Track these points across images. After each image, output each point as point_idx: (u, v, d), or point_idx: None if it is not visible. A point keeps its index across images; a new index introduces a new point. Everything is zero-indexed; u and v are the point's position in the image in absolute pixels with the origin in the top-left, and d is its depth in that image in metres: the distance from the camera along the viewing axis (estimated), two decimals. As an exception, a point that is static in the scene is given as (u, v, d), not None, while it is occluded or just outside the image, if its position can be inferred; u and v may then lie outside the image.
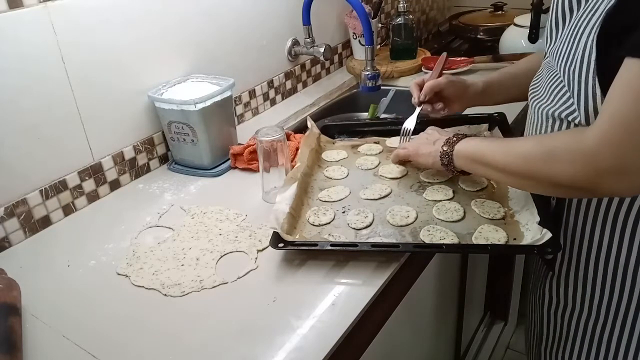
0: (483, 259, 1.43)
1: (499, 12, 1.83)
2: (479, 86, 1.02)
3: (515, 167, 0.74)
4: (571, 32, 0.71)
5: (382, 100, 1.42)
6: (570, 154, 0.65)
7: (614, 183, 0.62)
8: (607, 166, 0.61)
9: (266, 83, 1.41)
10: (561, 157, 0.66)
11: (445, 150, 0.86)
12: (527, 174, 0.72)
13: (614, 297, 0.79)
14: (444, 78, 1.01)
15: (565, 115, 0.72)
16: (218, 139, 1.11)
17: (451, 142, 0.86)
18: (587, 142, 0.63)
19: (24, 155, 0.91)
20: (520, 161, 0.73)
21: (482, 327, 1.59)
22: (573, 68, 0.69)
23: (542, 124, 0.79)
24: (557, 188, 0.70)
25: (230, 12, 1.26)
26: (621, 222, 0.74)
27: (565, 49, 0.71)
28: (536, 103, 0.81)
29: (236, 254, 0.84)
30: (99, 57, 0.99)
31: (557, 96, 0.75)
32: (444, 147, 0.86)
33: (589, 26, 0.66)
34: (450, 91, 1.01)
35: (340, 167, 1.04)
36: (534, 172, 0.70)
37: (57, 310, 0.76)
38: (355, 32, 1.60)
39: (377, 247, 0.79)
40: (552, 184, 0.69)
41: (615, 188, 0.64)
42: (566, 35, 0.72)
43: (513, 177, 0.76)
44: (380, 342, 0.83)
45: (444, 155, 0.86)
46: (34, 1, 0.87)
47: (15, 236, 0.92)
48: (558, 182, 0.68)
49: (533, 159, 0.70)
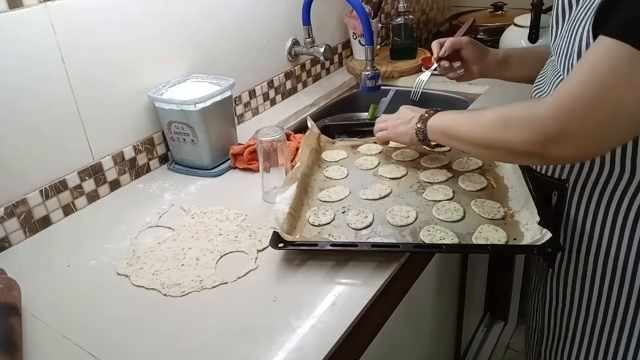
0: (483, 259, 1.43)
1: (499, 12, 1.83)
2: (499, 54, 1.04)
3: (479, 138, 0.77)
4: (570, 27, 0.71)
5: (382, 100, 1.42)
6: (522, 120, 0.69)
7: (559, 148, 0.65)
8: (552, 131, 0.65)
9: (266, 83, 1.41)
10: (516, 124, 0.69)
11: (419, 127, 0.91)
12: (489, 144, 0.75)
13: (613, 295, 0.79)
14: (466, 38, 1.04)
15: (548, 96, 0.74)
16: (218, 139, 1.11)
17: (424, 119, 0.90)
18: (539, 109, 0.66)
19: (24, 155, 0.91)
20: (483, 132, 0.76)
21: (482, 327, 1.59)
22: (571, 61, 0.70)
23: None
24: (514, 155, 0.74)
25: (230, 12, 1.26)
26: (621, 219, 0.74)
27: (564, 44, 0.72)
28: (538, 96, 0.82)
29: (236, 254, 0.84)
30: (99, 57, 0.99)
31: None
32: (418, 124, 0.91)
33: (585, 18, 0.67)
34: (470, 52, 1.03)
35: (340, 167, 1.04)
36: (495, 141, 0.74)
37: (57, 310, 0.76)
38: (355, 32, 1.60)
39: (377, 247, 0.79)
40: (509, 151, 0.72)
41: (561, 153, 0.67)
42: (565, 31, 0.73)
43: (479, 148, 0.80)
44: (380, 342, 0.83)
45: (419, 131, 0.91)
46: (34, 1, 0.87)
47: (15, 236, 0.92)
48: (514, 149, 0.71)
49: (493, 129, 0.74)
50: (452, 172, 0.98)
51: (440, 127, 0.88)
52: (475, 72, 1.06)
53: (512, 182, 0.92)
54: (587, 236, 0.79)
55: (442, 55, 1.05)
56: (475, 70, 1.05)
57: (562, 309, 0.87)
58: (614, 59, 0.59)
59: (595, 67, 0.61)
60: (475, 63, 1.04)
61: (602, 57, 0.60)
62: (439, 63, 1.06)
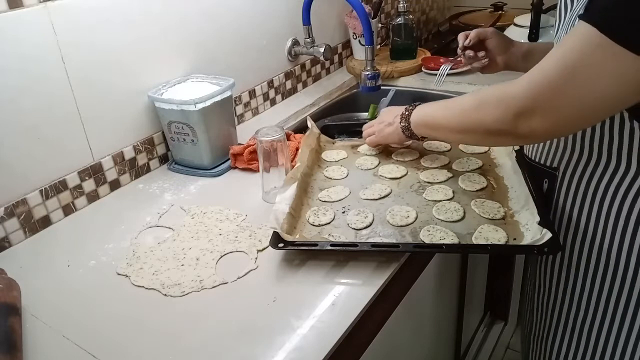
0: (483, 259, 1.43)
1: (499, 12, 1.83)
2: (523, 46, 1.05)
3: (456, 123, 0.80)
4: (570, 20, 0.73)
5: (382, 100, 1.42)
6: (494, 98, 0.71)
7: (528, 122, 0.67)
8: (521, 105, 0.67)
9: (266, 83, 1.41)
10: (489, 103, 0.72)
11: (403, 125, 0.94)
12: (466, 127, 0.78)
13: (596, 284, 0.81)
14: (491, 29, 1.06)
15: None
16: (218, 139, 1.11)
17: (405, 116, 0.93)
18: (510, 87, 0.69)
19: (24, 155, 0.91)
20: (459, 116, 0.79)
21: (482, 327, 1.59)
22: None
23: None
24: (488, 135, 0.75)
25: (230, 12, 1.26)
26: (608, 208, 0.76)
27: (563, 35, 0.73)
28: None
29: (236, 254, 0.84)
30: (99, 57, 0.99)
31: None
32: (402, 122, 0.94)
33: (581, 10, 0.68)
34: (495, 42, 1.06)
35: (340, 167, 1.04)
36: (470, 123, 0.76)
37: (57, 310, 0.76)
38: (355, 32, 1.60)
39: (377, 247, 0.79)
40: (485, 132, 0.74)
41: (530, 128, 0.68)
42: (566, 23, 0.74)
43: (458, 134, 0.82)
44: (380, 342, 0.83)
45: (405, 129, 0.94)
46: (34, 1, 0.87)
47: (15, 236, 0.92)
48: (487, 128, 0.73)
49: (468, 112, 0.76)
50: (452, 172, 0.98)
51: (421, 121, 0.91)
52: (500, 64, 1.07)
53: (512, 182, 0.92)
54: (574, 224, 0.81)
55: (467, 45, 1.07)
56: (499, 61, 1.07)
57: (549, 297, 0.89)
58: (585, 42, 0.61)
59: (568, 48, 0.63)
60: (499, 54, 1.06)
61: (575, 40, 0.62)
62: (464, 52, 1.09)
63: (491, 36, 1.06)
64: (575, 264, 0.82)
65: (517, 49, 1.05)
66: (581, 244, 0.81)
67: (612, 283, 0.79)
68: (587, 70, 0.61)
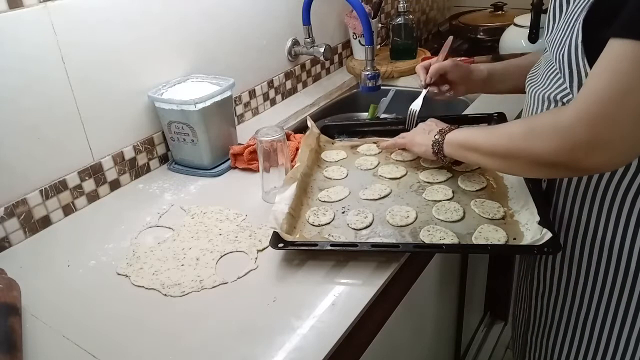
0: (483, 259, 1.44)
1: (499, 12, 1.83)
2: (483, 72, 1.05)
3: (499, 148, 0.76)
4: (566, 21, 0.72)
5: (382, 100, 1.42)
6: (548, 129, 0.66)
7: (590, 158, 0.63)
8: (582, 140, 0.62)
9: (266, 83, 1.41)
10: (540, 134, 0.67)
11: (437, 138, 0.90)
12: (510, 154, 0.74)
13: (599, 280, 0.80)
14: (450, 61, 1.05)
15: (560, 97, 0.74)
16: (218, 139, 1.11)
17: (443, 132, 0.90)
18: (563, 118, 0.64)
19: (24, 155, 0.91)
20: (504, 141, 0.75)
21: (482, 327, 1.59)
22: (563, 52, 0.71)
23: (536, 106, 0.81)
24: (539, 166, 0.71)
25: (230, 12, 1.26)
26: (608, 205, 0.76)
27: (559, 37, 0.73)
28: (532, 88, 0.83)
29: (236, 254, 0.84)
30: (99, 57, 0.99)
31: (552, 81, 0.77)
32: (436, 135, 0.90)
33: (582, 13, 0.68)
34: (455, 74, 1.05)
35: (339, 167, 1.04)
36: (517, 151, 0.72)
37: (57, 310, 0.76)
38: (355, 32, 1.60)
39: (377, 247, 0.79)
40: (533, 162, 0.70)
41: (592, 163, 0.64)
42: (562, 24, 0.74)
43: (498, 159, 0.78)
44: (380, 342, 0.83)
45: (435, 143, 0.90)
46: (34, 1, 0.87)
47: (15, 236, 0.92)
48: (538, 160, 0.69)
49: (515, 138, 0.72)
50: (451, 172, 0.98)
51: (457, 140, 0.87)
52: (462, 91, 1.08)
53: (511, 181, 0.92)
54: (575, 224, 0.80)
55: (429, 83, 1.06)
56: (461, 90, 1.08)
57: (549, 294, 0.89)
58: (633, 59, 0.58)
59: (616, 69, 0.59)
60: (461, 84, 1.06)
61: (620, 59, 0.59)
62: (427, 89, 1.07)
63: (451, 69, 1.05)
64: (577, 262, 0.82)
65: (476, 75, 1.05)
66: (582, 243, 0.81)
67: (613, 282, 0.79)
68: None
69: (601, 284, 0.80)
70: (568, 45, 0.70)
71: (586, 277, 0.82)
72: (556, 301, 0.88)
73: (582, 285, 0.83)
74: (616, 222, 0.75)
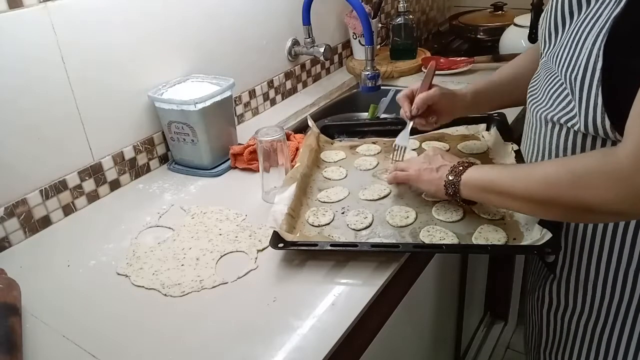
0: (483, 259, 1.44)
1: (499, 12, 1.83)
2: (467, 98, 0.99)
3: (538, 193, 0.69)
4: (572, 36, 0.70)
5: (382, 100, 1.42)
6: (604, 177, 0.61)
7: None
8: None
9: (266, 83, 1.41)
10: (593, 182, 0.62)
11: (451, 179, 0.80)
12: (553, 201, 0.68)
13: (615, 299, 0.79)
14: (437, 90, 0.96)
15: (564, 120, 0.72)
16: (218, 139, 1.11)
17: (457, 172, 0.80)
18: (622, 164, 0.59)
19: (24, 155, 0.91)
20: (543, 187, 0.68)
21: (482, 327, 1.59)
22: (575, 75, 0.68)
23: (540, 127, 0.79)
24: (588, 213, 0.66)
25: (230, 12, 1.26)
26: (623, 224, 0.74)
27: (567, 54, 0.70)
28: (535, 107, 0.80)
29: (236, 254, 0.84)
30: (99, 57, 0.99)
31: (556, 100, 0.74)
32: (450, 176, 0.81)
33: (592, 31, 0.66)
34: (441, 104, 0.97)
35: (338, 167, 1.04)
36: (561, 198, 0.66)
37: (57, 310, 0.76)
38: (355, 32, 1.60)
39: (377, 247, 0.79)
40: (582, 209, 0.65)
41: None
42: (567, 39, 0.71)
43: (536, 205, 0.71)
44: (380, 342, 0.83)
45: (450, 184, 0.81)
46: (34, 1, 0.87)
47: (15, 236, 0.92)
48: (589, 208, 0.64)
49: (558, 184, 0.66)
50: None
51: (479, 182, 0.78)
52: (447, 119, 1.02)
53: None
54: (589, 240, 0.78)
55: (416, 115, 0.96)
56: (446, 117, 1.01)
57: (564, 311, 0.87)
58: None
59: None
60: (447, 112, 0.99)
61: None
62: (414, 120, 0.98)
63: (437, 99, 0.96)
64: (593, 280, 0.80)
65: (460, 101, 0.98)
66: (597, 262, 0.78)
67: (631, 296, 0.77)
68: None
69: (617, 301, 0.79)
70: (584, 68, 0.66)
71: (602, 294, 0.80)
72: (571, 316, 0.86)
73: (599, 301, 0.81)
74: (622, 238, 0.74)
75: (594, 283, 0.80)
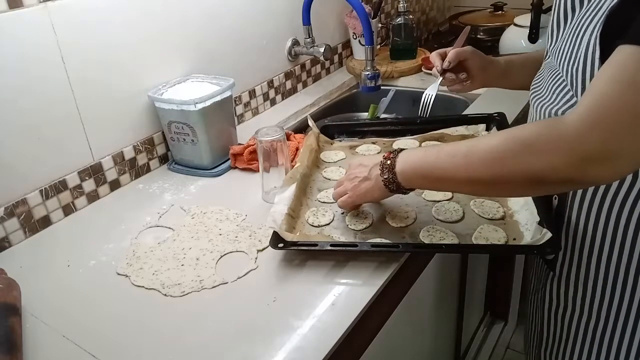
0: (483, 259, 1.44)
1: (499, 12, 1.83)
2: (501, 63, 1.01)
3: (482, 171, 0.65)
4: (573, 31, 0.70)
5: (382, 100, 1.42)
6: (551, 142, 0.60)
7: (600, 169, 0.58)
8: (595, 151, 0.57)
9: (266, 83, 1.41)
10: (540, 148, 0.60)
11: (387, 177, 0.77)
12: (499, 176, 0.64)
13: (615, 299, 0.79)
14: (469, 47, 1.00)
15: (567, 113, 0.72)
16: (218, 139, 1.11)
17: (388, 166, 0.77)
18: (569, 128, 0.58)
19: (24, 155, 0.91)
20: (487, 163, 0.65)
21: (482, 327, 1.59)
22: (576, 67, 0.69)
23: None
24: (538, 185, 0.64)
25: (230, 12, 1.26)
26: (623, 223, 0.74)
27: (567, 48, 0.71)
28: (538, 102, 0.81)
29: (236, 254, 0.84)
30: (99, 57, 0.99)
31: (559, 95, 0.75)
32: (384, 174, 0.77)
33: (591, 25, 0.66)
34: (474, 62, 0.99)
35: (338, 168, 1.04)
36: (508, 171, 0.63)
37: (57, 310, 0.76)
38: (355, 32, 1.60)
39: (377, 247, 0.79)
40: (531, 180, 0.63)
41: (602, 175, 0.60)
42: (568, 34, 0.72)
43: (481, 185, 0.68)
44: (380, 342, 0.83)
45: (389, 182, 0.77)
46: (34, 1, 0.87)
47: (15, 236, 0.92)
48: (539, 177, 0.62)
49: (504, 157, 0.63)
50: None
51: (416, 171, 0.75)
52: (479, 83, 1.02)
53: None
54: (589, 239, 0.78)
55: (447, 68, 0.99)
56: (478, 80, 1.01)
57: (564, 311, 0.87)
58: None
59: (623, 75, 0.56)
60: (479, 73, 1.00)
61: (628, 65, 0.56)
62: (444, 76, 1.00)
63: (471, 56, 0.98)
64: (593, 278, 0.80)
65: (495, 66, 1.00)
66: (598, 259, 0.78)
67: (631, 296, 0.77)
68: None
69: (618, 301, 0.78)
70: (583, 60, 0.66)
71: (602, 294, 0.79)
72: (571, 317, 0.86)
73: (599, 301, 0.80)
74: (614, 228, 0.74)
75: (594, 282, 0.80)
